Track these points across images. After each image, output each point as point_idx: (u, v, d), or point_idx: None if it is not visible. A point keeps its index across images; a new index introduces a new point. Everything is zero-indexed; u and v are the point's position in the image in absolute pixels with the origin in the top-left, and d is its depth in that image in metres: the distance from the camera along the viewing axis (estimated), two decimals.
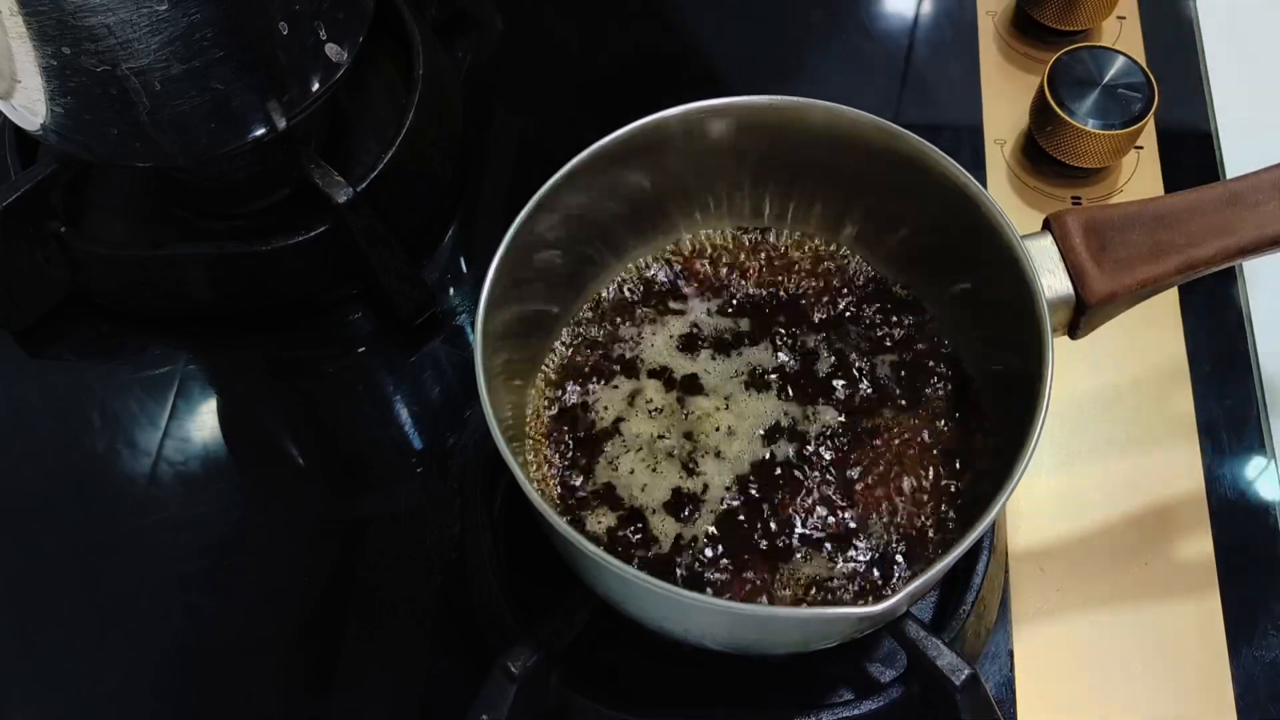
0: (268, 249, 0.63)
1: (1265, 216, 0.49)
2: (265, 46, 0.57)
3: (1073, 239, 0.49)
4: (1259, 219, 0.49)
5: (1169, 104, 0.69)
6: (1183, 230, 0.49)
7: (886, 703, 0.51)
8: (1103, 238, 0.49)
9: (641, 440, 0.53)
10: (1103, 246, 0.49)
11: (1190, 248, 0.49)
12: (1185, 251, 0.49)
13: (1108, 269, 0.48)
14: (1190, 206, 0.49)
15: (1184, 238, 0.49)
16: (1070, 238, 0.49)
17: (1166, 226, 0.49)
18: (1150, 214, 0.49)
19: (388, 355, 0.66)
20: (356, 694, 0.56)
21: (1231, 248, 0.49)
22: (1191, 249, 0.49)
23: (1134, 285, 0.48)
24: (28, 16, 0.53)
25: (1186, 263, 0.49)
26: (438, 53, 0.71)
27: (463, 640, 0.57)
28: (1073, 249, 0.48)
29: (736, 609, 0.44)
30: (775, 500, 0.51)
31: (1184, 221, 0.49)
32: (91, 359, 0.67)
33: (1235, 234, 0.49)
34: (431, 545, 0.59)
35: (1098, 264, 0.48)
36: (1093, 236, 0.49)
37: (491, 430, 0.45)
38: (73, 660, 0.57)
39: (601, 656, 0.53)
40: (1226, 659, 0.55)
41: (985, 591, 0.54)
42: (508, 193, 0.72)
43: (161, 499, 0.61)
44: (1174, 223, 0.49)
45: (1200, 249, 0.49)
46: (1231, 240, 0.49)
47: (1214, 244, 0.49)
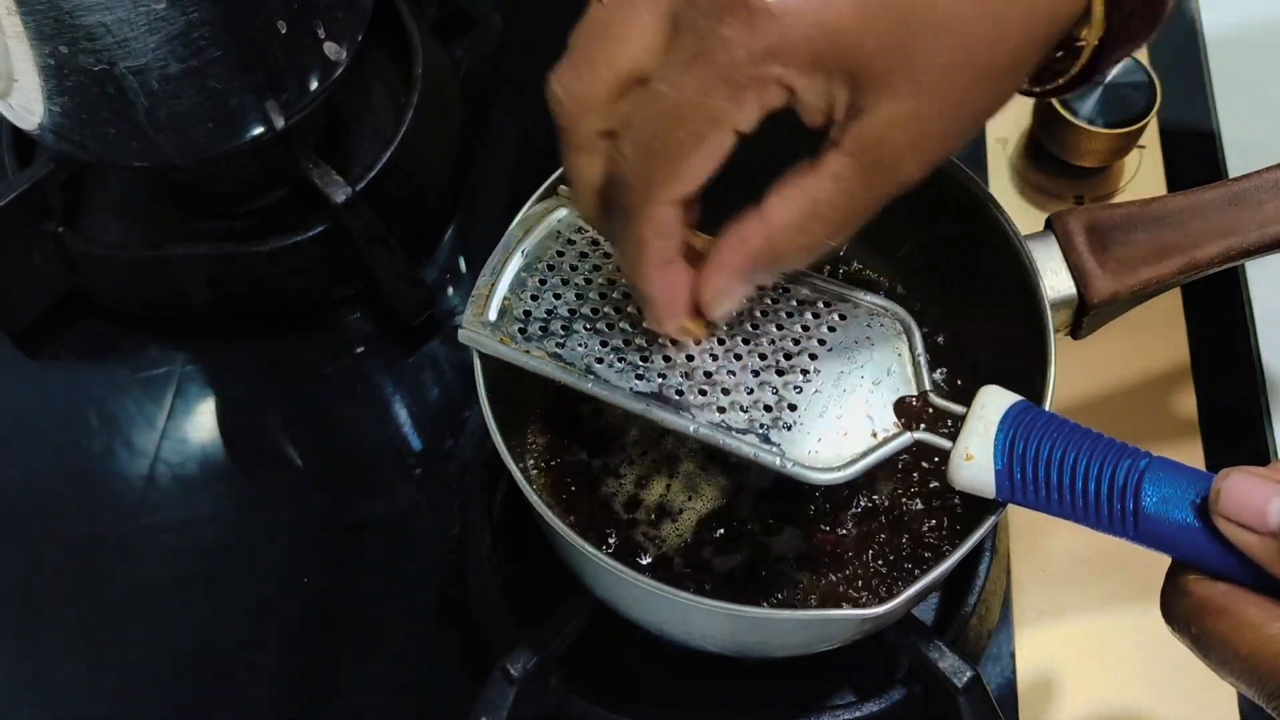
0: (266, 249, 0.63)
1: (1268, 216, 0.49)
2: (263, 45, 0.57)
3: (1075, 239, 0.48)
4: (1262, 219, 0.49)
5: (1171, 103, 0.68)
6: (1185, 230, 0.49)
7: (888, 704, 0.51)
8: (1105, 238, 0.49)
9: (644, 440, 0.53)
10: (1105, 246, 0.49)
11: (1193, 248, 0.49)
12: (1188, 252, 0.49)
13: (1110, 269, 0.48)
14: (1193, 206, 0.49)
15: (1186, 238, 0.49)
16: (1073, 238, 0.48)
17: (1169, 227, 0.49)
18: (1153, 214, 0.49)
19: (386, 356, 0.66)
20: (355, 696, 0.56)
21: (1234, 248, 0.49)
22: (1194, 249, 0.49)
23: (1136, 286, 0.48)
24: (25, 15, 0.52)
25: (1189, 263, 0.48)
26: (437, 52, 0.71)
27: (462, 642, 0.56)
28: (1075, 249, 0.48)
29: (737, 611, 0.44)
30: (776, 501, 0.51)
31: (1186, 221, 0.49)
32: (89, 360, 0.67)
33: (1238, 234, 0.49)
34: (430, 547, 0.59)
35: (1100, 264, 0.48)
36: (1095, 236, 0.48)
37: (491, 430, 0.45)
38: (71, 661, 0.57)
39: (601, 659, 0.53)
40: None
41: (987, 593, 0.53)
42: (507, 192, 0.71)
43: (159, 500, 0.61)
44: (1176, 223, 0.49)
45: (1203, 249, 0.49)
46: (1234, 240, 0.48)
47: (1216, 244, 0.49)
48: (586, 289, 0.45)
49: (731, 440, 0.42)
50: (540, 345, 0.44)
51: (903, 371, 0.43)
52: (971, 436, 0.40)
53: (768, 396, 0.42)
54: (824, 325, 0.44)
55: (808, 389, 0.43)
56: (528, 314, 0.45)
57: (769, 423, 0.42)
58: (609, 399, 0.43)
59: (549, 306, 0.45)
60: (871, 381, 0.43)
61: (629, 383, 0.43)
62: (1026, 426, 0.40)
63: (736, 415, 0.42)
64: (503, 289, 0.46)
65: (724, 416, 0.42)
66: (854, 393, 0.43)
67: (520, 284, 0.46)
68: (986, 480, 0.40)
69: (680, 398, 0.43)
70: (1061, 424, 0.39)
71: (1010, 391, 0.41)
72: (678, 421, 0.42)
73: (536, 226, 0.47)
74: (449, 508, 0.60)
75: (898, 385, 0.43)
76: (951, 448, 0.41)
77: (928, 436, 0.42)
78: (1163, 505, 0.37)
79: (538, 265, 0.46)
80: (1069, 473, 0.38)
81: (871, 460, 0.41)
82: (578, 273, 0.46)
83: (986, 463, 0.40)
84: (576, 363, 0.44)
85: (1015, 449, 0.39)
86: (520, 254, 0.46)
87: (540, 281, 0.46)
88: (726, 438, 0.42)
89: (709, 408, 0.42)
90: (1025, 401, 0.41)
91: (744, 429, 0.42)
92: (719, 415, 0.42)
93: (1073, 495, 0.38)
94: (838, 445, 0.42)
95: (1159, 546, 0.37)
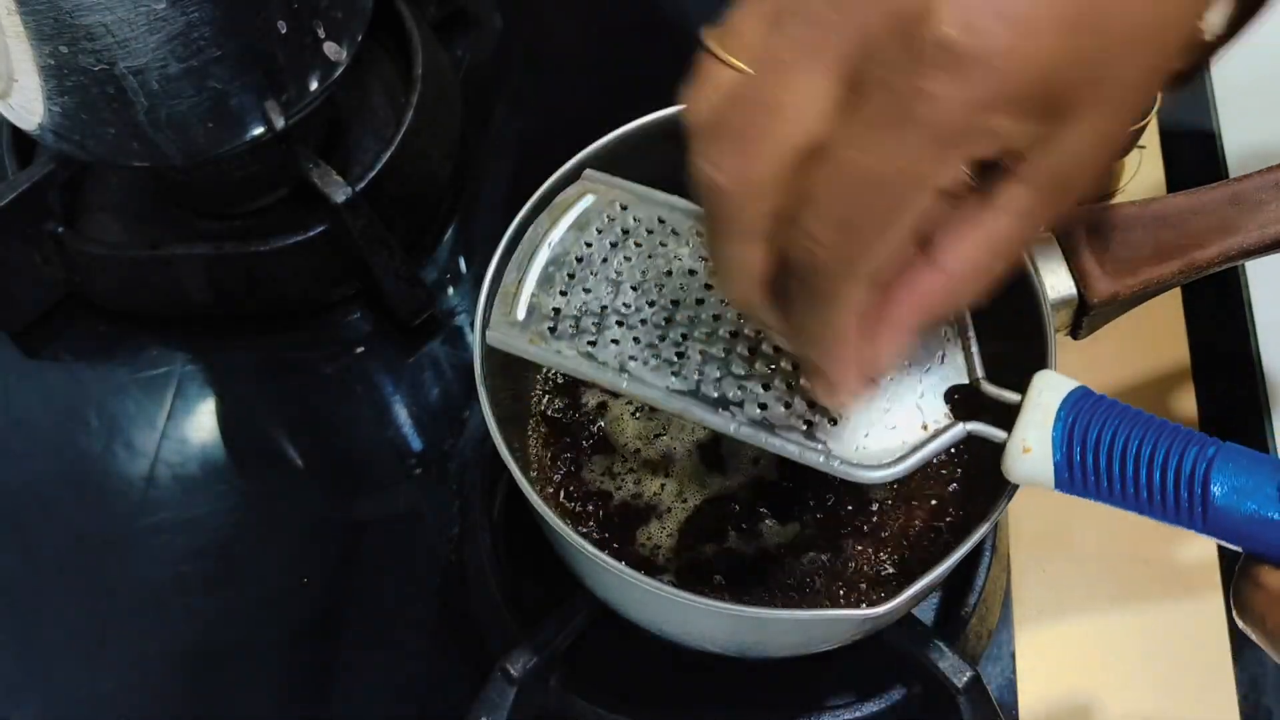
0: (266, 249, 0.63)
1: (1268, 217, 0.49)
2: (263, 45, 0.57)
3: (1075, 239, 0.48)
4: (1262, 219, 0.49)
5: (1171, 103, 0.68)
6: (1185, 230, 0.49)
7: (888, 704, 0.51)
8: (1105, 238, 0.49)
9: (643, 440, 0.53)
10: (1105, 246, 0.48)
11: (1193, 248, 0.49)
12: (1188, 252, 0.48)
13: (1110, 269, 0.48)
14: (1193, 207, 0.49)
15: (1187, 238, 0.49)
16: (1073, 238, 0.48)
17: (1169, 227, 0.49)
18: (1153, 214, 0.49)
19: (386, 356, 0.66)
20: (355, 696, 0.56)
21: (1234, 248, 0.49)
22: (1194, 249, 0.49)
23: (1136, 286, 0.48)
24: (25, 15, 0.52)
25: (1189, 263, 0.48)
26: (437, 51, 0.71)
27: (462, 642, 0.56)
28: (1075, 249, 0.48)
29: (737, 611, 0.44)
30: (778, 502, 0.51)
31: (1187, 222, 0.49)
32: (89, 359, 0.67)
33: (1238, 234, 0.48)
34: (430, 547, 0.59)
35: (1100, 264, 0.48)
36: (1095, 236, 0.48)
37: (491, 431, 0.45)
38: (71, 661, 0.57)
39: (601, 659, 0.53)
40: (1230, 660, 0.55)
41: (987, 593, 0.53)
42: (507, 192, 0.71)
43: (159, 500, 0.61)
44: (1177, 223, 0.49)
45: (1203, 250, 0.49)
46: (1234, 241, 0.48)
47: (1217, 245, 0.48)
48: (618, 282, 0.43)
49: (774, 439, 0.40)
50: (572, 344, 0.42)
51: (953, 360, 0.41)
52: (1029, 427, 0.38)
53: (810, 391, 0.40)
54: None
55: None
56: (557, 311, 0.43)
57: (813, 419, 0.40)
58: (645, 398, 0.41)
59: (580, 303, 0.43)
60: (921, 371, 0.41)
61: (665, 381, 0.41)
62: (1086, 414, 0.37)
63: (778, 411, 0.40)
64: (530, 286, 0.43)
65: (765, 413, 0.40)
66: (902, 383, 0.41)
67: (548, 279, 0.43)
68: (1045, 472, 0.38)
69: (719, 395, 0.41)
70: (1123, 410, 0.37)
71: (1067, 377, 0.39)
72: (717, 420, 0.40)
73: (563, 217, 0.45)
74: (449, 508, 0.60)
75: (948, 374, 0.41)
76: (1007, 439, 0.39)
77: (982, 427, 0.40)
78: (1234, 496, 0.35)
79: (565, 259, 0.44)
80: (1132, 462, 0.36)
81: (923, 455, 0.40)
82: (608, 265, 0.43)
83: (1045, 454, 0.38)
84: (610, 361, 0.41)
85: (1075, 438, 0.37)
86: (547, 247, 0.44)
87: (569, 276, 0.43)
88: (769, 436, 0.40)
89: (749, 404, 0.40)
90: (1084, 387, 0.39)
91: (786, 426, 0.40)
92: (760, 412, 0.40)
93: (1136, 486, 0.36)
94: (886, 439, 0.40)
95: (1229, 538, 0.36)
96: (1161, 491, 0.36)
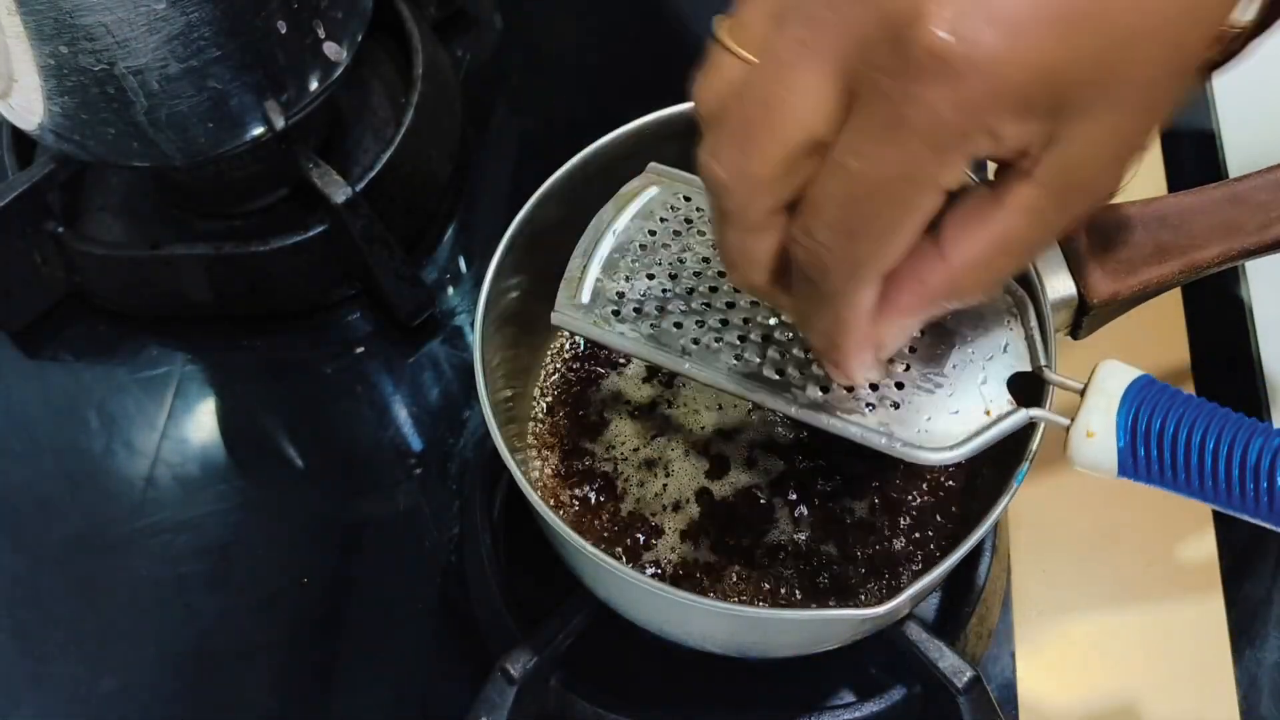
0: (266, 249, 0.63)
1: (1268, 217, 0.49)
2: (263, 45, 0.57)
3: (1075, 239, 0.48)
4: (1262, 219, 0.49)
5: None
6: (1185, 231, 0.49)
7: (888, 704, 0.51)
8: (1105, 238, 0.49)
9: (643, 439, 0.53)
10: (1105, 247, 0.48)
11: (1193, 248, 0.48)
12: (1188, 252, 0.48)
13: (1110, 269, 0.48)
14: (1193, 207, 0.49)
15: (1186, 238, 0.49)
16: (1073, 238, 0.48)
17: (1169, 227, 0.49)
18: (1152, 214, 0.49)
19: (386, 356, 0.66)
20: (355, 696, 0.56)
21: (1234, 248, 0.48)
22: (1194, 250, 0.48)
23: (1136, 286, 0.48)
24: (25, 15, 0.52)
25: (1189, 264, 0.48)
26: (437, 51, 0.71)
27: (462, 642, 0.56)
28: (1075, 249, 0.48)
29: (737, 611, 0.44)
30: (776, 502, 0.51)
31: (1186, 222, 0.49)
32: (89, 360, 0.67)
33: (1238, 235, 0.48)
34: (430, 547, 0.59)
35: (1100, 264, 0.48)
36: (1095, 237, 0.48)
37: (491, 431, 0.45)
38: (71, 661, 0.57)
39: (601, 659, 0.53)
40: (1230, 660, 0.55)
41: (987, 593, 0.53)
42: (507, 192, 0.71)
43: (159, 500, 0.61)
44: (1176, 223, 0.49)
45: (1203, 250, 0.49)
46: (1235, 241, 0.48)
47: (1217, 245, 0.48)
48: (680, 269, 0.44)
49: (835, 420, 0.40)
50: (635, 327, 0.43)
51: (1016, 347, 0.42)
52: (1093, 412, 0.39)
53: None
54: None
55: (916, 366, 0.41)
56: (621, 295, 0.44)
57: (875, 401, 0.40)
58: (706, 380, 0.42)
59: (643, 288, 0.44)
60: (984, 358, 0.42)
61: (727, 362, 0.42)
62: (1151, 402, 0.38)
63: (840, 394, 0.40)
64: (595, 271, 0.45)
65: (827, 396, 0.41)
66: (965, 369, 0.41)
67: (613, 265, 0.45)
68: (1109, 458, 0.38)
69: (780, 377, 0.41)
70: (1187, 399, 0.38)
71: (1131, 366, 0.40)
72: (778, 402, 0.41)
73: (628, 206, 0.46)
74: (449, 508, 0.60)
75: (1012, 361, 0.42)
76: (1070, 425, 0.39)
77: (1045, 414, 0.40)
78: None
79: (630, 246, 0.45)
80: (1197, 451, 0.37)
81: (986, 439, 0.40)
82: (670, 252, 0.45)
83: (1109, 440, 0.38)
84: (672, 344, 0.43)
85: (1139, 425, 0.38)
86: (612, 234, 0.45)
87: (633, 262, 0.45)
88: (830, 418, 0.40)
89: (811, 387, 0.41)
90: (1148, 376, 0.39)
91: (848, 409, 0.40)
92: (821, 395, 0.41)
93: (1200, 474, 0.37)
94: (949, 424, 0.40)
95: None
96: (1227, 480, 0.36)
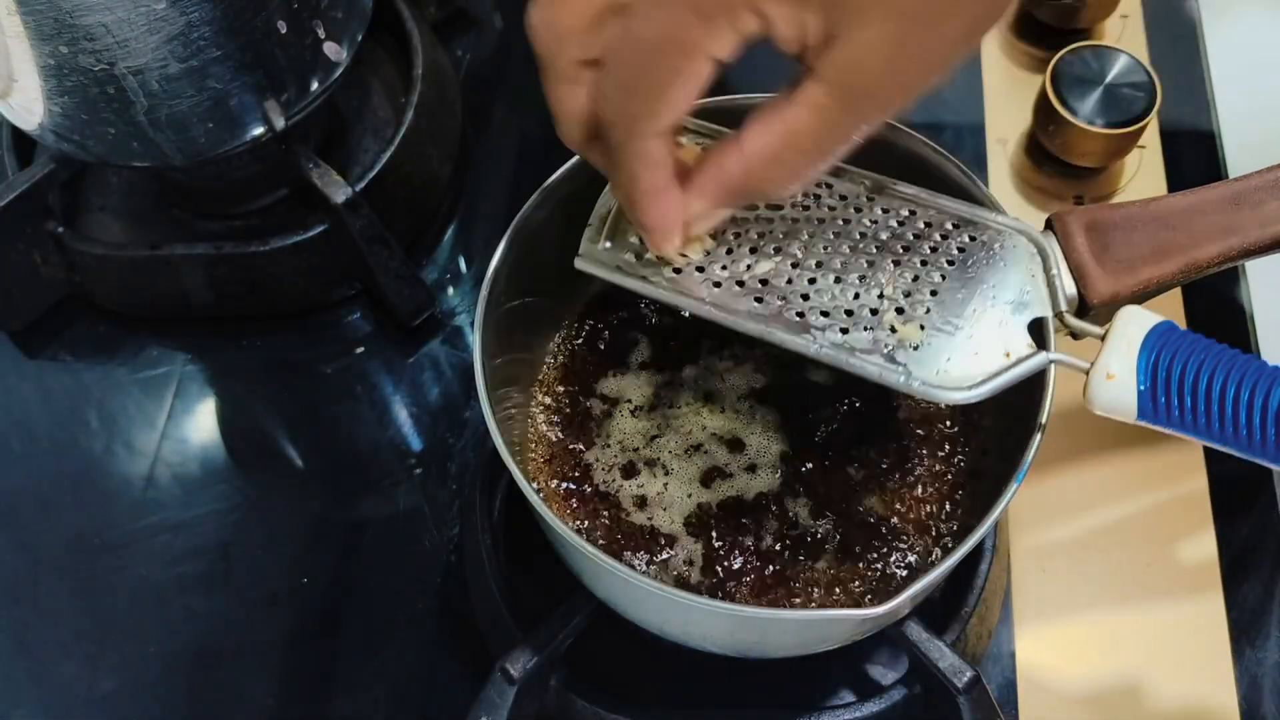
0: (266, 249, 0.63)
1: (1268, 216, 0.49)
2: (263, 45, 0.57)
3: (1075, 239, 0.48)
4: (1262, 219, 0.49)
5: (1172, 103, 0.68)
6: (1185, 230, 0.49)
7: (888, 704, 0.51)
8: (1105, 238, 0.48)
9: (643, 439, 0.53)
10: (1105, 246, 0.48)
11: (1193, 248, 0.48)
12: (1188, 252, 0.48)
13: (1110, 269, 0.48)
14: (1193, 206, 0.49)
15: (1187, 238, 0.49)
16: (1073, 238, 0.48)
17: (1169, 226, 0.49)
18: (1153, 214, 0.49)
19: (386, 356, 0.66)
20: (355, 696, 0.56)
21: (1234, 248, 0.48)
22: (1194, 249, 0.48)
23: (1136, 286, 0.48)
24: (25, 15, 0.52)
25: (1189, 263, 0.48)
26: (437, 52, 0.71)
27: (462, 643, 0.56)
28: (1075, 249, 0.48)
29: (737, 611, 0.44)
30: (777, 502, 0.51)
31: (1187, 221, 0.49)
32: (89, 360, 0.67)
33: (1238, 234, 0.48)
34: (430, 547, 0.59)
35: (1100, 264, 0.48)
36: (1095, 236, 0.48)
37: (491, 431, 0.45)
38: (71, 661, 0.57)
39: (601, 659, 0.53)
40: (1230, 660, 0.55)
41: (987, 593, 0.53)
42: (507, 192, 0.71)
43: (159, 500, 0.61)
44: (1177, 223, 0.49)
45: (1203, 249, 0.49)
46: (1235, 241, 0.48)
47: (1217, 244, 0.48)
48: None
49: (855, 360, 0.40)
50: (658, 272, 0.43)
51: (1037, 292, 0.42)
52: (1113, 355, 0.39)
53: (893, 317, 0.41)
54: (953, 245, 0.43)
55: (936, 309, 0.41)
56: (642, 240, 0.43)
57: (894, 344, 0.40)
58: (727, 323, 0.42)
59: None
60: (1004, 302, 0.42)
61: (748, 305, 0.42)
62: (1172, 346, 0.38)
63: (860, 336, 0.41)
64: (617, 215, 0.44)
65: (847, 338, 0.41)
66: (985, 313, 0.41)
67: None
68: (1128, 401, 0.38)
69: (801, 319, 0.41)
70: (1208, 345, 0.38)
71: (1152, 313, 0.40)
72: (798, 342, 0.41)
73: None
74: (449, 508, 0.60)
75: (1032, 305, 0.42)
76: (1090, 368, 0.39)
77: (1064, 356, 0.40)
78: None
79: None
80: (1218, 396, 0.37)
81: (1005, 380, 0.40)
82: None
83: (1129, 382, 0.38)
84: (694, 289, 0.42)
85: (1160, 369, 0.38)
86: None
87: None
88: (850, 357, 0.41)
89: (831, 329, 0.41)
90: (1169, 322, 0.39)
91: (868, 349, 0.40)
92: (841, 336, 0.41)
93: (1221, 419, 0.37)
94: (968, 365, 0.40)
95: None
96: (1248, 426, 0.36)
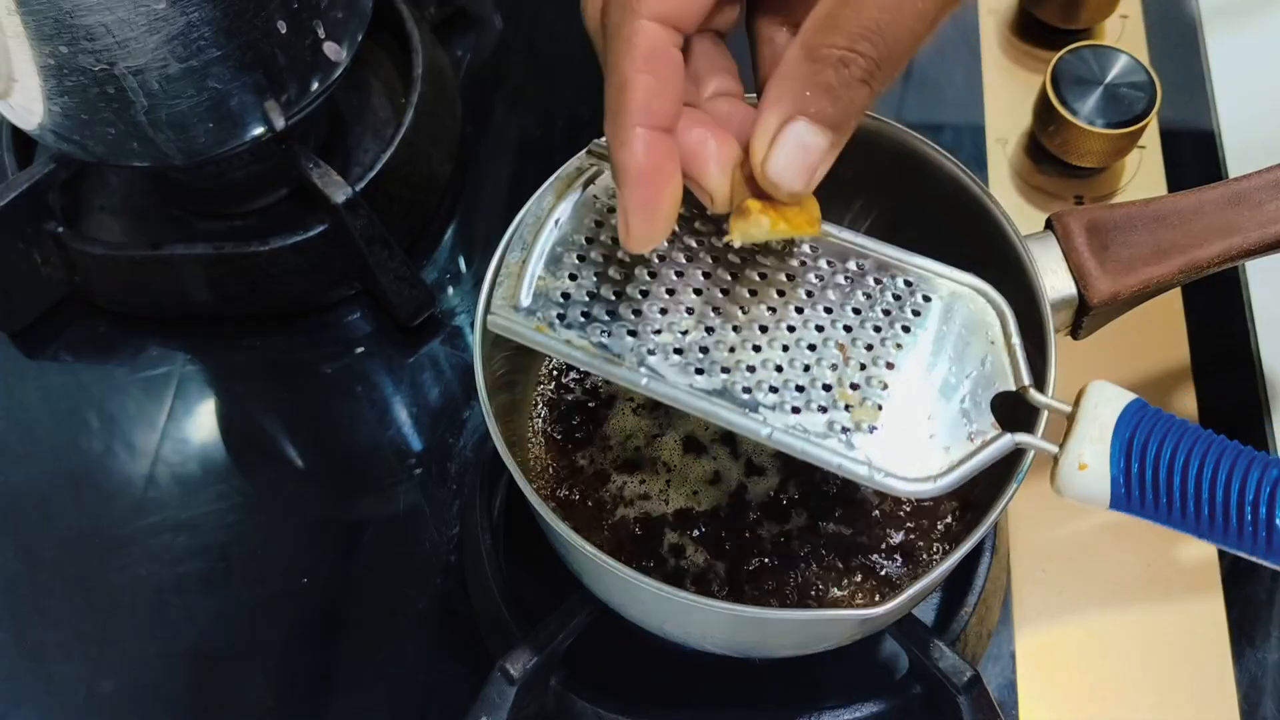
0: (266, 249, 0.63)
1: (1268, 216, 0.49)
2: (263, 45, 0.57)
3: (1075, 239, 0.48)
4: (1262, 219, 0.49)
5: (1172, 103, 0.68)
6: (1185, 230, 0.49)
7: (889, 704, 0.51)
8: (1105, 238, 0.49)
9: (644, 438, 0.53)
10: (1105, 246, 0.48)
11: (1193, 248, 0.49)
12: (1188, 252, 0.48)
13: (1110, 269, 0.48)
14: (1193, 206, 0.49)
15: (1187, 238, 0.49)
16: (1073, 238, 0.48)
17: (1169, 227, 0.49)
18: (1153, 214, 0.49)
19: (386, 356, 0.66)
20: (355, 696, 0.56)
21: (1234, 248, 0.49)
22: (1194, 249, 0.49)
23: (1136, 286, 0.48)
24: (25, 15, 0.52)
25: (1189, 263, 0.48)
26: (437, 52, 0.71)
27: (462, 643, 0.56)
28: (1075, 249, 0.48)
29: (737, 611, 0.44)
30: (779, 502, 0.51)
31: (1187, 222, 0.49)
32: (89, 360, 0.67)
33: (1238, 234, 0.48)
34: (430, 547, 0.59)
35: (1100, 264, 0.48)
36: (1095, 236, 0.48)
37: (491, 431, 0.44)
38: (71, 661, 0.57)
39: (601, 659, 0.53)
40: (1230, 661, 0.55)
41: (987, 593, 0.53)
42: (507, 192, 0.71)
43: (159, 500, 0.61)
44: (1176, 223, 0.49)
45: (1203, 249, 0.49)
46: (1235, 241, 0.48)
47: (1217, 245, 0.48)
48: (633, 267, 0.39)
49: (811, 448, 0.37)
50: (583, 334, 0.38)
51: (998, 362, 0.39)
52: (1084, 441, 0.36)
53: (848, 394, 0.37)
54: (908, 309, 0.39)
55: (894, 385, 0.38)
56: (566, 296, 0.39)
57: (851, 425, 0.37)
58: (667, 398, 0.38)
59: (590, 288, 0.39)
60: (965, 377, 0.38)
61: (688, 378, 0.37)
62: (1145, 430, 0.35)
63: (814, 417, 0.37)
64: (536, 268, 0.39)
65: (799, 419, 0.37)
66: (945, 388, 0.38)
67: (555, 260, 0.39)
68: (1101, 491, 0.36)
69: (749, 395, 0.37)
70: (1182, 426, 0.35)
71: (1122, 388, 0.37)
72: (748, 424, 0.37)
73: (569, 193, 0.41)
74: (449, 508, 0.60)
75: (994, 379, 0.38)
76: (1059, 453, 0.37)
77: (1032, 440, 0.38)
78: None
79: (574, 238, 0.40)
80: (1194, 483, 0.34)
81: (970, 469, 0.37)
82: (620, 247, 0.37)
83: (1102, 471, 0.36)
84: (626, 355, 0.38)
85: (1133, 456, 0.35)
86: (554, 224, 0.40)
87: (579, 258, 0.39)
88: (806, 444, 0.37)
89: (782, 408, 0.37)
90: (1140, 400, 0.37)
91: (823, 433, 0.37)
92: (794, 417, 0.37)
93: (1197, 507, 0.35)
94: (930, 451, 0.37)
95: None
96: (1225, 515, 0.34)
